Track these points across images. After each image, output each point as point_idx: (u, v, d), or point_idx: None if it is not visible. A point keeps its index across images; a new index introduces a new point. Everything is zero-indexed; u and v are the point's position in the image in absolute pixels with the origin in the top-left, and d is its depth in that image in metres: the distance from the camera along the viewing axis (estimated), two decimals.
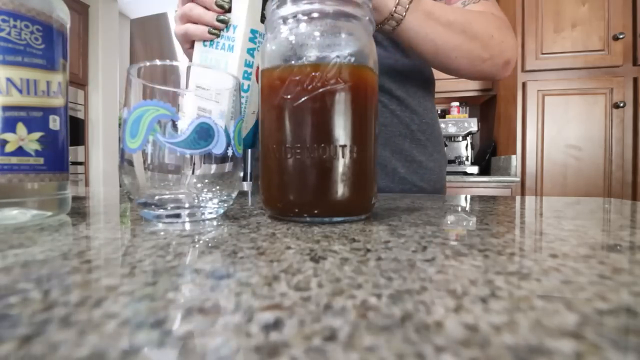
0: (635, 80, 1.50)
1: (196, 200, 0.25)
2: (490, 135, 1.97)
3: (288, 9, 0.25)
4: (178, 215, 0.25)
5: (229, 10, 0.36)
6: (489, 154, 1.87)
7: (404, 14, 0.41)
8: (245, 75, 0.33)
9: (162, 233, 0.20)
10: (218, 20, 0.36)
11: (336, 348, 0.08)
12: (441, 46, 0.46)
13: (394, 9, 0.41)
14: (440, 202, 0.39)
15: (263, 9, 0.36)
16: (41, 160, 0.24)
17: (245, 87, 0.36)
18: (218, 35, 0.36)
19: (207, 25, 0.37)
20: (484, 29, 0.48)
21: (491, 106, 1.94)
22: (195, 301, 0.10)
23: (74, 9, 2.57)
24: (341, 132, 0.24)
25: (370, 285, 0.12)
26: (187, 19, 0.38)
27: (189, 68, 0.27)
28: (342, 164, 0.24)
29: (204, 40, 0.37)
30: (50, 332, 0.08)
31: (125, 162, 0.24)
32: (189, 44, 0.40)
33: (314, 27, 0.24)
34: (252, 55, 0.36)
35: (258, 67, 0.36)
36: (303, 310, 0.10)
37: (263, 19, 0.36)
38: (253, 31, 0.36)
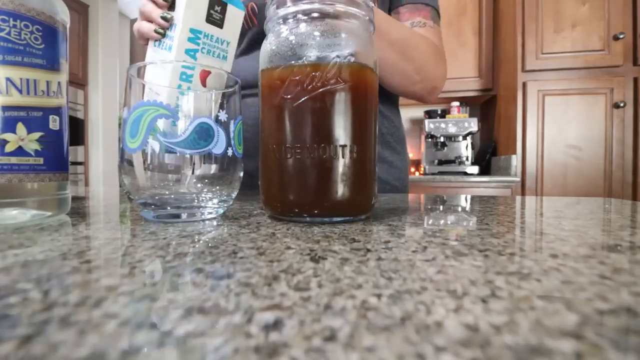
0: (635, 80, 1.50)
1: (196, 200, 0.25)
2: (491, 135, 1.96)
3: (288, 9, 0.25)
4: (178, 215, 0.25)
5: (172, 6, 0.34)
6: (489, 154, 1.87)
7: None
8: (183, 77, 0.31)
9: (162, 233, 0.20)
10: (161, 18, 0.34)
11: (336, 348, 0.08)
12: (380, 60, 0.48)
13: None
14: (441, 203, 0.39)
15: (212, 7, 0.33)
16: (41, 160, 0.24)
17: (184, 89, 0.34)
18: (163, 35, 0.34)
19: (154, 23, 0.35)
20: (421, 54, 0.52)
21: (491, 106, 1.94)
22: (195, 301, 0.10)
23: (74, 9, 2.57)
24: (341, 132, 0.24)
25: (370, 285, 0.12)
26: (143, 15, 0.36)
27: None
28: (342, 164, 0.24)
29: (154, 40, 0.36)
30: (50, 332, 0.08)
31: (125, 162, 0.24)
32: (144, 40, 0.39)
33: (314, 27, 0.24)
34: (194, 57, 0.34)
35: (207, 72, 0.30)
36: (303, 310, 0.10)
37: (210, 18, 0.34)
38: (194, 31, 0.33)
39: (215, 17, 0.34)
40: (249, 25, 0.56)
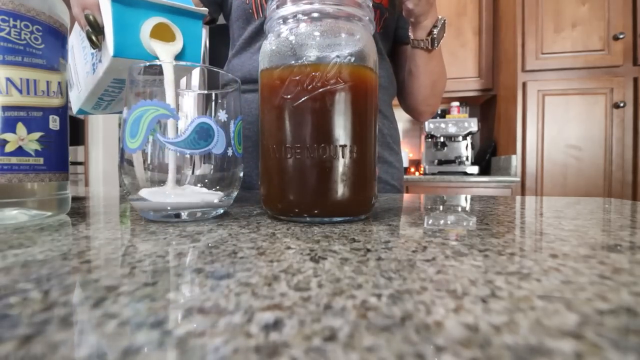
0: (635, 80, 1.50)
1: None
2: (490, 135, 1.96)
3: (288, 9, 0.25)
4: (178, 215, 0.25)
5: (97, 28, 0.28)
6: (489, 154, 1.87)
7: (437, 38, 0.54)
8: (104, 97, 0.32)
9: (162, 233, 0.20)
10: (87, 34, 0.28)
11: (336, 348, 0.08)
12: (437, 74, 0.61)
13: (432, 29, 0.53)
14: (440, 202, 0.39)
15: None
16: (41, 160, 0.24)
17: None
18: (94, 47, 0.29)
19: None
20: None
21: (491, 106, 1.94)
22: (195, 301, 0.10)
23: None
24: (341, 132, 0.24)
25: (370, 285, 0.12)
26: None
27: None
28: (342, 164, 0.24)
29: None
30: (50, 332, 0.08)
31: (125, 162, 0.24)
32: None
33: (314, 27, 0.24)
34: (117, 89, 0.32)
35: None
36: (303, 310, 0.10)
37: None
38: (118, 80, 0.31)
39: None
40: (258, 15, 0.56)
